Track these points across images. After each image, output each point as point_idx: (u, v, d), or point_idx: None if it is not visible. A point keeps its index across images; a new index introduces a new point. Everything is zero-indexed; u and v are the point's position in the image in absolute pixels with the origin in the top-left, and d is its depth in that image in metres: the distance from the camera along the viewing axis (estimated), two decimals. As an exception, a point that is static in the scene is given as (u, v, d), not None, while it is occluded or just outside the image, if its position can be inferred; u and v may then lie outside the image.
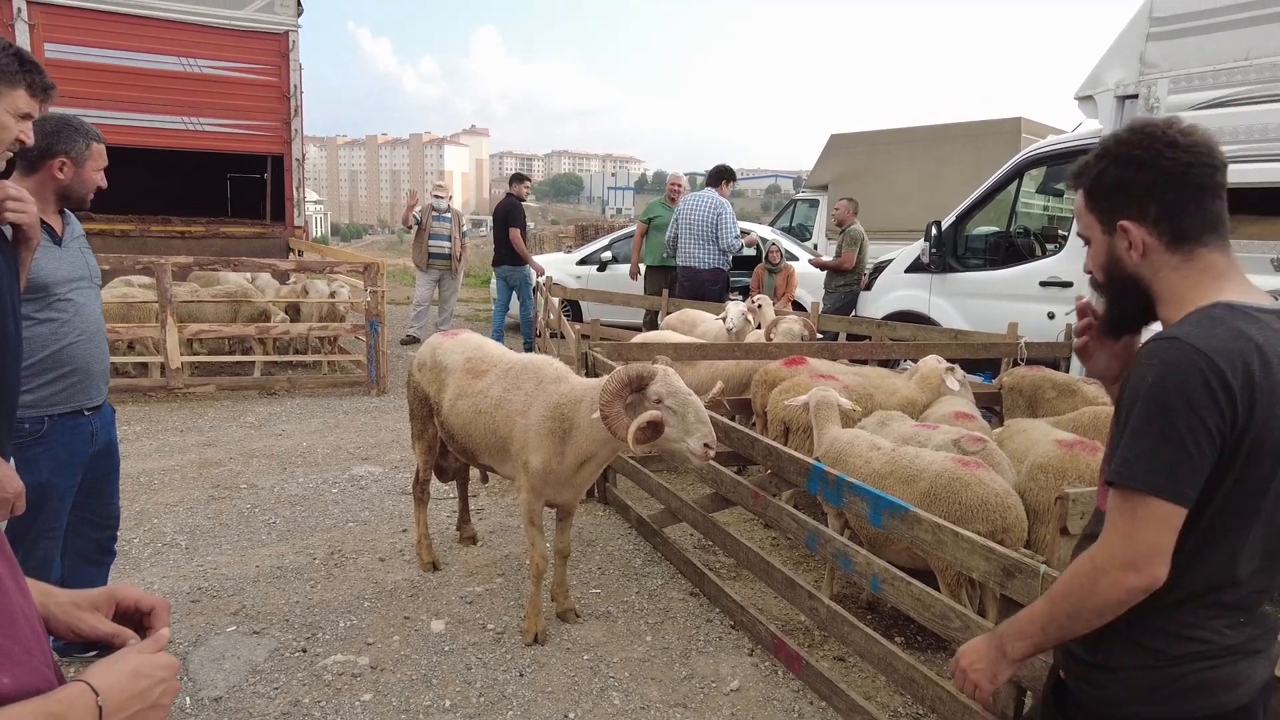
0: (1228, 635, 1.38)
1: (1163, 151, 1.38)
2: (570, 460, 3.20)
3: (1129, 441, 1.33)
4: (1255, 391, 1.28)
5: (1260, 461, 1.31)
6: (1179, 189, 1.38)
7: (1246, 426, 1.29)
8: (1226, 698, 1.38)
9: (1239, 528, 1.35)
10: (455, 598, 3.81)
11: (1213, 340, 1.29)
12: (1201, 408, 1.27)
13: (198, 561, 4.11)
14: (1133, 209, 1.41)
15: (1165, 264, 1.41)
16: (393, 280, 18.53)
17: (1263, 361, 1.29)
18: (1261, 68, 4.82)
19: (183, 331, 7.15)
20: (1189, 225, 1.39)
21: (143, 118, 10.10)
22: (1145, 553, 1.31)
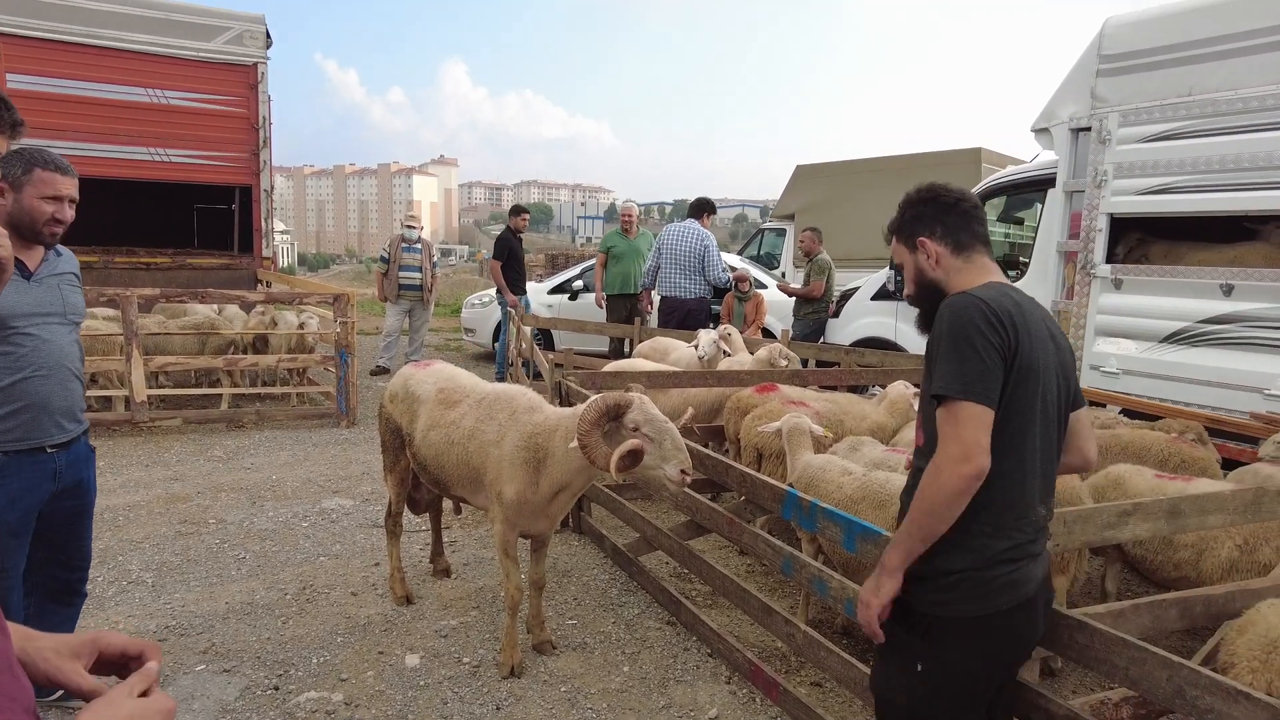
0: (1020, 537, 1.81)
1: (939, 193, 2.02)
2: (545, 490, 3.20)
3: (940, 368, 1.76)
4: (1019, 327, 1.77)
5: (1028, 378, 1.77)
6: (954, 214, 1.99)
7: (1016, 349, 1.75)
8: (1020, 592, 1.81)
9: (1020, 436, 1.77)
10: (430, 631, 3.77)
11: (986, 294, 1.82)
12: (986, 331, 1.74)
13: (165, 599, 4.03)
14: (926, 230, 2.00)
15: (953, 266, 1.98)
16: (362, 310, 18.42)
17: (1020, 310, 1.81)
18: (1204, 103, 5.05)
19: (148, 364, 7.04)
20: (964, 238, 1.98)
21: (109, 149, 10.00)
22: (970, 446, 1.69)
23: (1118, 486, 3.58)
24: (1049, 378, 1.82)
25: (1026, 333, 1.77)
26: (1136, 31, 5.41)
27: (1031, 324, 1.80)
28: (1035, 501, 1.83)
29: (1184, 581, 3.33)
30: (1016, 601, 1.80)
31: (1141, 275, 5.40)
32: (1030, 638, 1.90)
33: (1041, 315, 1.88)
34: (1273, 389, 4.76)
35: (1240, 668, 2.20)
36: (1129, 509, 2.37)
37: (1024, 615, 1.83)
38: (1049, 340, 1.85)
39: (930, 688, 1.84)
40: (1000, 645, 1.84)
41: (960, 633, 1.80)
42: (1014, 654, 1.90)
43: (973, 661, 1.83)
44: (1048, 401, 1.82)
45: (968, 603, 1.79)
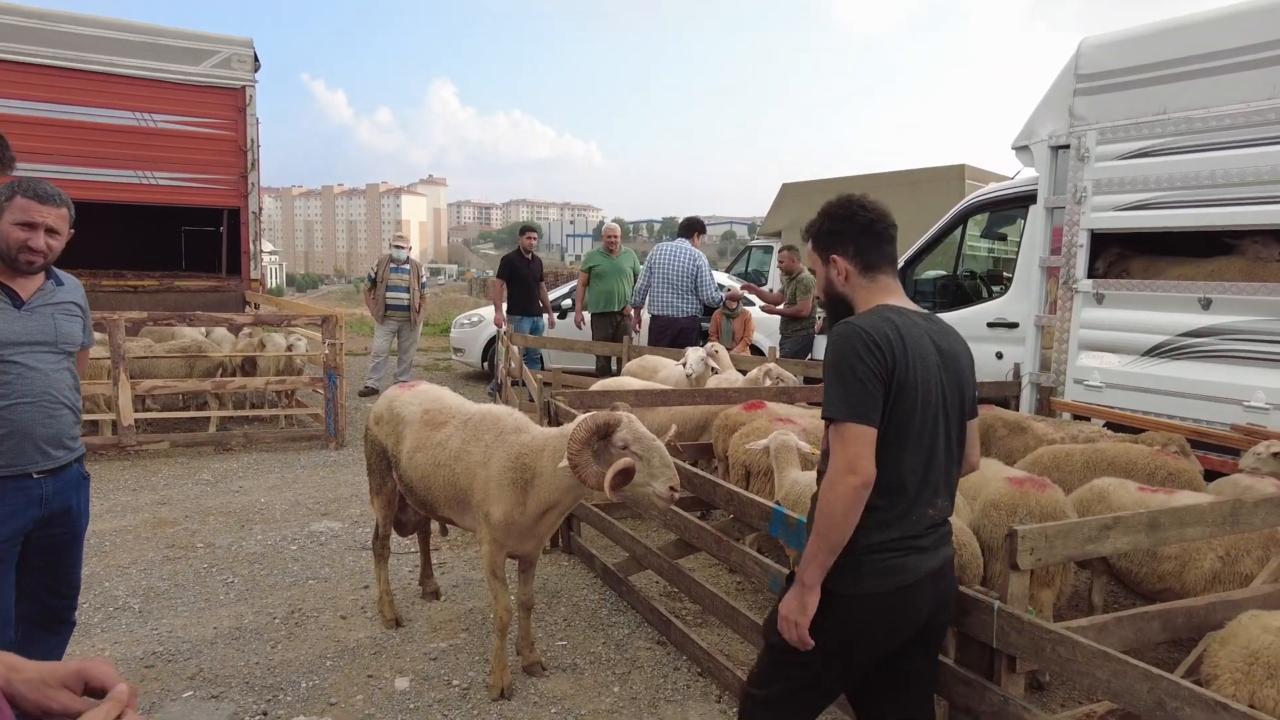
0: (903, 531, 1.98)
1: (856, 212, 2.14)
2: (532, 510, 3.21)
3: (828, 392, 1.96)
4: (895, 350, 1.94)
5: (905, 396, 1.94)
6: (867, 235, 2.13)
7: (894, 370, 1.93)
8: (896, 579, 1.98)
9: (900, 446, 1.95)
10: (419, 654, 3.76)
11: (865, 321, 1.99)
12: (864, 357, 1.91)
13: (152, 625, 4.00)
14: (840, 247, 2.15)
15: (859, 284, 2.14)
16: (350, 331, 18.39)
17: (899, 334, 1.97)
18: (1178, 121, 5.14)
19: (135, 388, 7.02)
20: (874, 259, 2.13)
21: (96, 172, 10.01)
22: (855, 459, 1.88)
23: (1102, 500, 3.62)
24: (929, 392, 1.99)
25: (904, 354, 1.95)
26: (1111, 52, 5.52)
27: (910, 344, 1.97)
28: (921, 502, 2.01)
29: (1168, 593, 3.36)
30: (891, 587, 1.98)
31: (1122, 290, 5.47)
32: (907, 621, 2.03)
33: (926, 333, 2.04)
34: (1252, 401, 4.83)
35: (1223, 679, 2.23)
36: (1110, 523, 2.41)
37: (900, 599, 2.00)
38: (932, 357, 2.02)
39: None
40: (869, 622, 2.01)
41: (835, 606, 1.99)
42: (887, 633, 2.03)
43: (840, 633, 2.00)
44: (928, 413, 1.99)
45: (843, 583, 1.98)
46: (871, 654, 2.05)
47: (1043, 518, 3.16)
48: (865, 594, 1.97)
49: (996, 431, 5.04)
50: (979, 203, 7.20)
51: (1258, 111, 4.79)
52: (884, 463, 1.92)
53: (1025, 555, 2.20)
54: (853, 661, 2.05)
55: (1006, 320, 6.48)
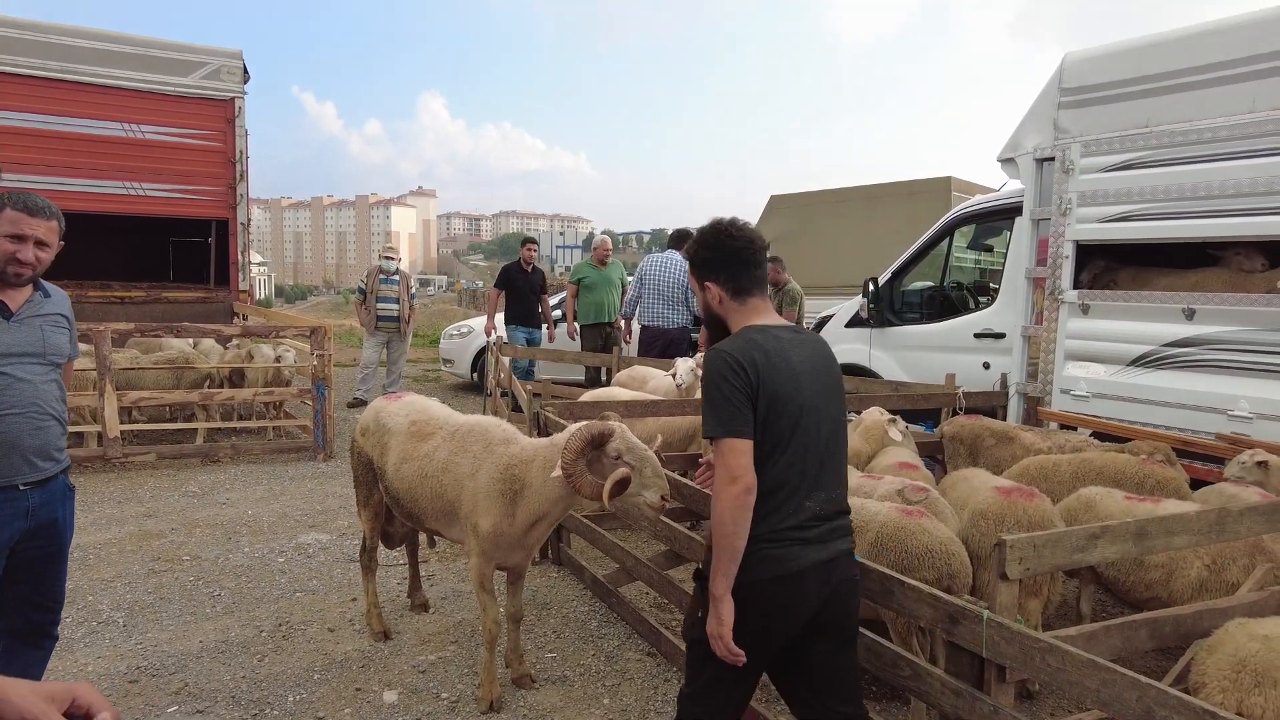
0: (786, 524, 2.13)
1: (725, 241, 2.30)
2: (521, 521, 3.19)
3: (705, 413, 2.15)
4: (760, 367, 2.12)
5: (773, 407, 2.12)
6: (736, 263, 2.29)
7: (758, 386, 2.11)
8: (781, 568, 2.13)
9: (775, 450, 2.13)
10: (408, 667, 3.73)
11: (733, 345, 2.19)
12: (730, 378, 2.10)
13: (136, 639, 3.95)
14: (712, 275, 2.31)
15: (732, 308, 2.32)
16: (339, 342, 18.32)
17: (764, 352, 2.15)
18: (1160, 134, 5.21)
19: (122, 399, 6.96)
20: (744, 284, 2.30)
21: (84, 183, 9.97)
22: (734, 470, 2.05)
23: (1089, 509, 3.64)
24: (797, 397, 2.16)
25: (768, 369, 2.14)
26: (1094, 66, 5.59)
27: (775, 358, 2.16)
28: (802, 497, 2.17)
29: (1156, 601, 3.37)
30: (775, 574, 2.13)
31: (1107, 300, 5.52)
32: (795, 607, 2.17)
33: (788, 345, 2.22)
34: (1236, 410, 4.87)
35: (1211, 687, 2.24)
36: (1097, 532, 2.42)
37: (784, 586, 2.15)
38: (797, 365, 2.19)
39: (704, 632, 2.18)
40: (760, 608, 2.15)
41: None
42: (777, 618, 2.17)
43: (737, 619, 2.12)
44: (797, 417, 2.16)
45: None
46: (768, 639, 2.19)
47: (1031, 527, 3.18)
48: (750, 582, 2.12)
49: (984, 441, 5.07)
50: (966, 214, 7.26)
51: (1239, 125, 4.86)
52: (762, 467, 2.11)
53: (1014, 565, 2.21)
54: (752, 647, 2.15)
55: (993, 331, 6.53)
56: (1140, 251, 5.81)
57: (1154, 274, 5.71)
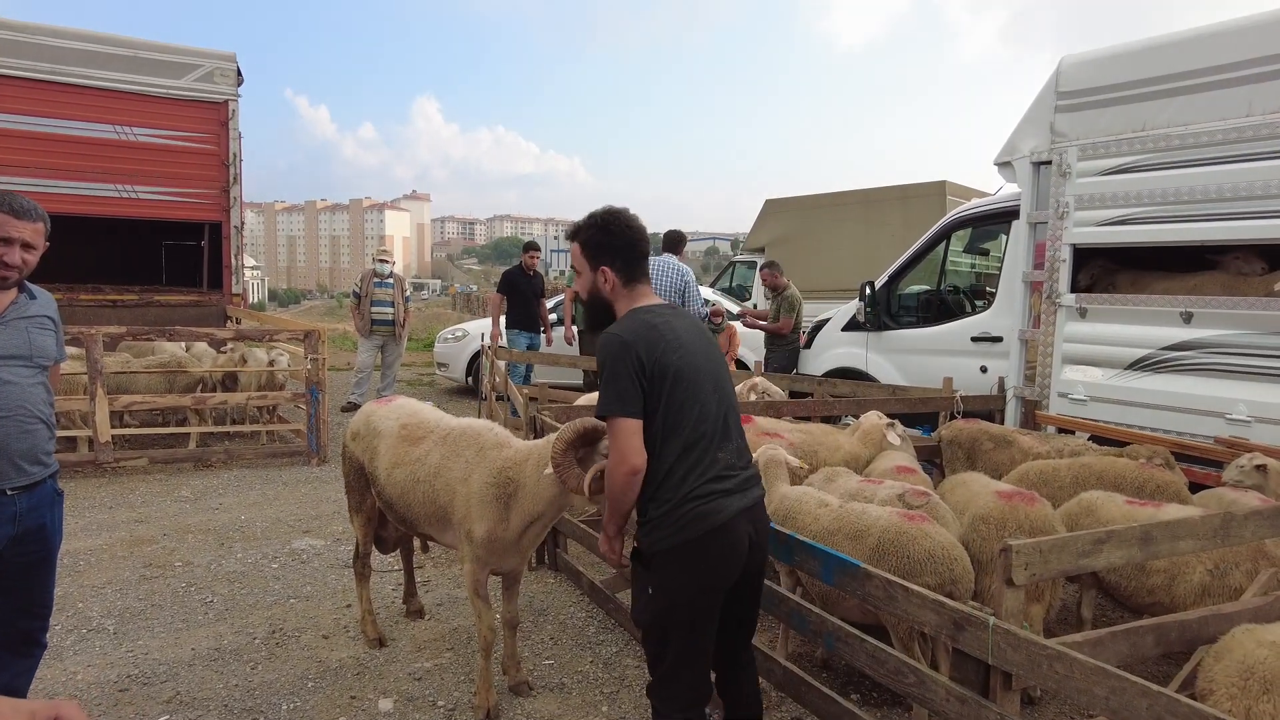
0: (703, 479, 2.30)
1: (623, 231, 2.49)
2: (516, 524, 3.15)
3: (600, 394, 2.30)
4: (646, 348, 2.30)
5: (668, 376, 2.30)
6: (631, 253, 2.49)
7: (648, 365, 2.28)
8: (711, 521, 2.28)
9: (678, 415, 2.30)
10: (403, 674, 3.69)
11: (623, 327, 2.36)
12: (623, 361, 2.27)
13: (127, 647, 3.90)
14: (608, 260, 2.48)
15: (621, 293, 2.50)
16: (333, 346, 18.24)
17: (654, 330, 2.34)
18: (1156, 138, 5.21)
19: (113, 404, 6.90)
20: (634, 273, 2.50)
21: (75, 185, 9.90)
22: (625, 451, 2.25)
23: (1090, 513, 3.62)
24: (688, 365, 2.35)
25: (660, 344, 2.32)
26: (1091, 70, 5.59)
27: (664, 333, 2.35)
28: (715, 449, 2.35)
29: (1158, 606, 3.35)
30: (709, 528, 2.28)
31: (1105, 304, 5.52)
32: (735, 552, 2.35)
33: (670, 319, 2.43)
34: (1234, 413, 4.86)
35: (1219, 694, 2.21)
36: (1103, 537, 2.40)
37: (720, 538, 2.31)
38: (684, 335, 2.40)
39: (661, 606, 2.35)
40: (701, 563, 2.31)
41: (668, 560, 2.32)
42: (719, 572, 2.34)
43: (681, 579, 2.31)
44: (698, 380, 2.36)
45: (669, 537, 2.30)
46: (716, 593, 2.36)
47: (1032, 531, 3.16)
48: (688, 540, 2.28)
49: (982, 445, 5.04)
50: (962, 218, 7.25)
51: (1235, 129, 4.86)
52: (669, 430, 2.30)
53: (1020, 571, 2.18)
54: (704, 605, 2.34)
55: (990, 334, 6.52)
56: (1138, 255, 5.80)
57: (1151, 278, 5.71)
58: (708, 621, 2.35)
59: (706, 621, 2.35)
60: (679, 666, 2.35)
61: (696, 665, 2.38)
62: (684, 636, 2.32)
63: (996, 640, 2.12)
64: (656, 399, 2.29)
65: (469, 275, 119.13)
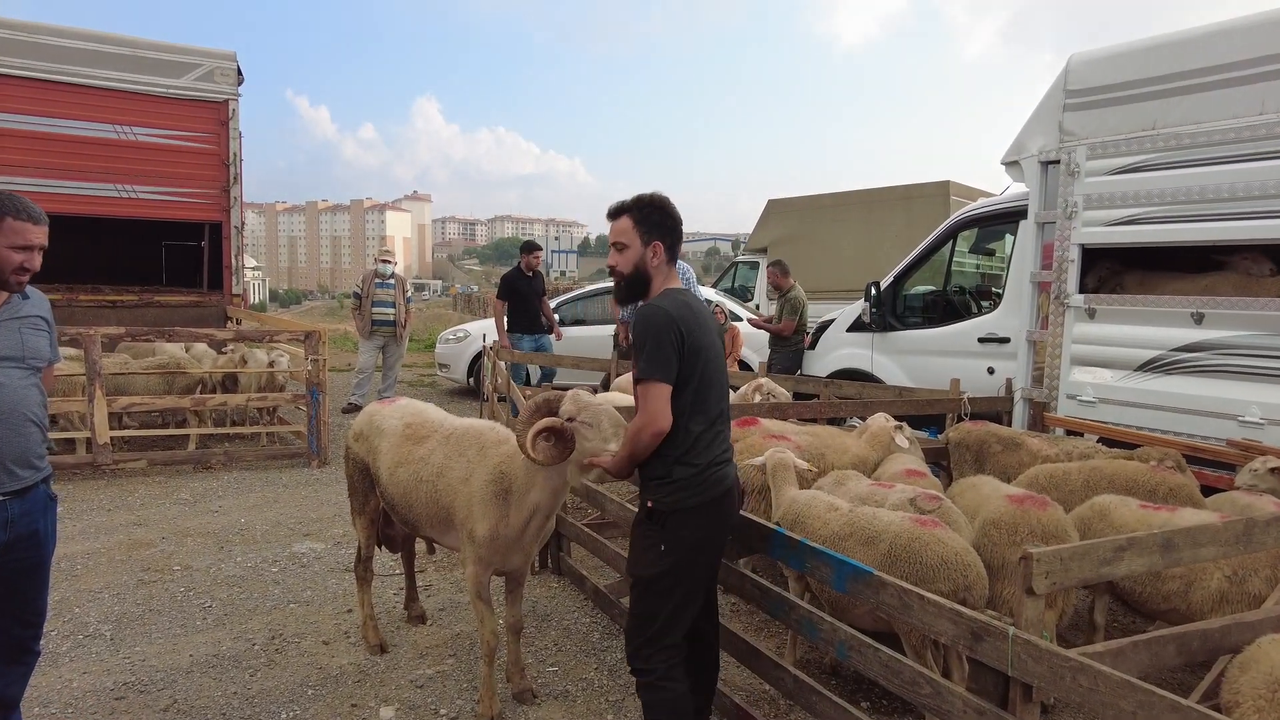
0: (716, 451, 2.63)
1: (677, 216, 2.74)
2: (516, 520, 3.10)
3: (638, 358, 2.53)
4: (689, 322, 2.55)
5: (699, 355, 2.56)
6: (676, 234, 2.74)
7: (687, 341, 2.52)
8: (723, 486, 2.64)
9: (705, 392, 2.58)
10: (405, 681, 3.62)
11: (668, 304, 2.58)
12: (670, 333, 2.50)
13: (124, 653, 3.83)
14: (660, 236, 2.68)
15: (661, 270, 2.70)
16: (334, 347, 18.18)
17: (691, 311, 2.60)
18: (1167, 137, 5.14)
19: (112, 405, 6.84)
20: (674, 252, 2.73)
21: (74, 185, 9.83)
22: (655, 414, 2.49)
23: (1103, 518, 3.55)
24: (712, 348, 2.64)
25: (696, 326, 2.57)
26: (1100, 68, 5.52)
27: (697, 316, 2.61)
28: (726, 427, 2.71)
29: (1173, 613, 3.29)
30: (721, 492, 2.63)
31: (1114, 304, 5.45)
32: (732, 516, 2.80)
33: (697, 305, 2.69)
34: (1247, 416, 4.79)
35: (1245, 706, 2.15)
36: (1124, 544, 2.33)
37: (726, 502, 2.68)
38: (707, 322, 2.66)
39: (670, 562, 2.58)
40: (714, 521, 2.65)
41: (688, 518, 2.58)
42: (722, 528, 2.72)
43: (698, 534, 2.60)
44: (714, 364, 2.65)
45: (693, 496, 2.57)
46: (720, 543, 2.73)
47: (1044, 537, 3.09)
48: (707, 501, 2.59)
49: (990, 448, 4.97)
50: (969, 218, 7.18)
51: (1247, 127, 4.79)
52: (696, 405, 2.56)
53: (1040, 579, 2.12)
54: (710, 559, 2.70)
55: (998, 335, 6.45)
56: (1146, 255, 5.73)
57: (1161, 278, 5.64)
58: (709, 577, 2.72)
59: (707, 577, 2.71)
60: (672, 624, 2.61)
61: (683, 625, 2.64)
62: (686, 590, 2.61)
63: (1017, 651, 2.05)
64: (690, 373, 2.53)
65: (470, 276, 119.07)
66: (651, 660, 2.60)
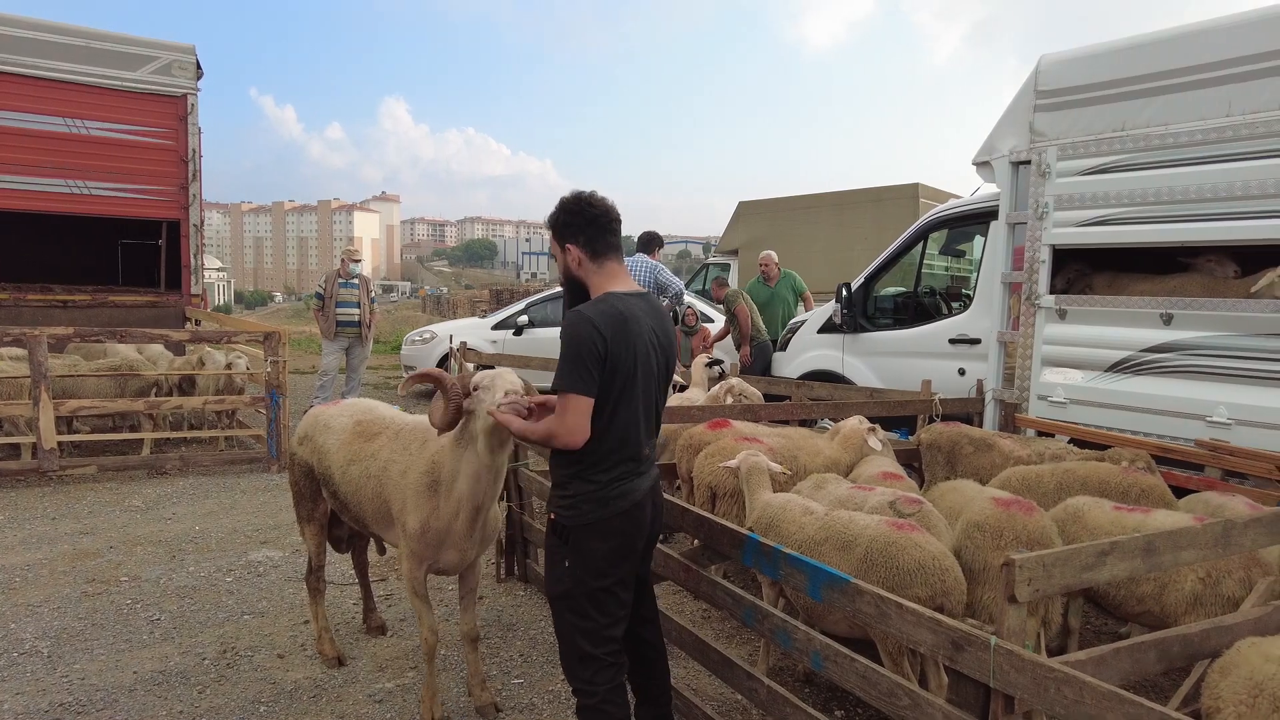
0: (627, 468, 2.51)
1: (584, 208, 2.54)
2: (445, 511, 3.03)
3: (560, 368, 2.40)
4: (615, 330, 2.39)
5: (615, 377, 2.41)
6: (594, 227, 2.53)
7: (609, 358, 2.38)
8: (630, 499, 2.51)
9: (621, 407, 2.44)
10: (363, 697, 3.47)
11: (595, 310, 2.42)
12: (590, 343, 2.35)
13: (62, 671, 3.63)
14: (572, 237, 2.54)
15: (591, 270, 2.55)
16: (297, 349, 17.82)
17: (621, 319, 2.41)
18: (1136, 138, 5.15)
19: (59, 408, 6.56)
20: (600, 248, 2.54)
21: (22, 180, 9.48)
22: (575, 428, 2.39)
23: (1077, 520, 3.51)
24: (644, 359, 2.47)
25: (625, 335, 2.40)
26: (1070, 68, 5.53)
27: (630, 324, 2.42)
28: (640, 445, 2.53)
29: (1147, 615, 3.25)
30: (624, 508, 2.49)
31: (1084, 305, 5.45)
32: (641, 526, 2.58)
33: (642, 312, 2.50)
34: (1214, 416, 4.81)
35: (1226, 712, 2.09)
36: (1106, 548, 2.27)
37: (633, 516, 2.52)
38: (647, 333, 2.48)
39: (576, 576, 2.49)
40: (621, 533, 2.51)
41: (588, 533, 2.48)
42: (630, 544, 2.55)
43: (599, 549, 2.48)
44: (645, 378, 2.48)
45: (590, 512, 2.47)
46: (632, 558, 2.57)
47: (1030, 542, 3.03)
48: (610, 515, 2.47)
49: (963, 449, 4.93)
50: (940, 219, 7.17)
51: (1214, 129, 4.82)
52: (612, 417, 2.43)
53: (1023, 587, 2.04)
54: (623, 570, 2.54)
55: (968, 336, 6.44)
56: (1116, 256, 5.75)
57: (1130, 279, 5.65)
58: (623, 589, 2.56)
59: (621, 590, 2.55)
60: (596, 638, 2.51)
61: (610, 640, 2.53)
62: (600, 605, 2.50)
63: (999, 661, 1.97)
64: (606, 392, 2.41)
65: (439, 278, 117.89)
66: (593, 681, 2.50)
